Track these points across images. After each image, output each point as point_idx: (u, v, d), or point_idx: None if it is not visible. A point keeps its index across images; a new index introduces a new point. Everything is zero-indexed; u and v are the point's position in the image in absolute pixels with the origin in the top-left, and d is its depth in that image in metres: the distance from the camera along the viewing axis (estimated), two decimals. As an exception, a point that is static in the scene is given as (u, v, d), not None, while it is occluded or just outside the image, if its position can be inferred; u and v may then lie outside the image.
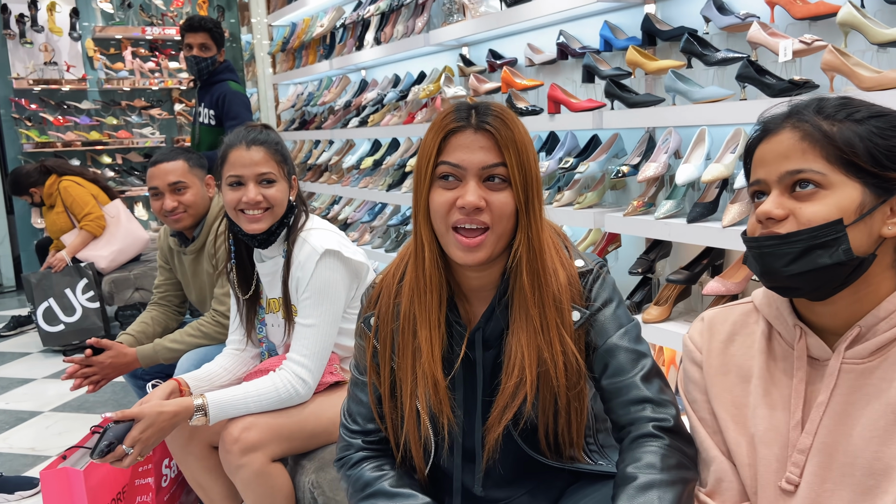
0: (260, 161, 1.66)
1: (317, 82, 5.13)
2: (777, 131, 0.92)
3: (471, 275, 1.13)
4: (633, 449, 1.03)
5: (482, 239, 1.06)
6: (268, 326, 1.81)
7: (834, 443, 0.91)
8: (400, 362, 1.15)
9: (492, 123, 1.06)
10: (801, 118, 0.91)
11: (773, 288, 0.95)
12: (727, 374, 1.03)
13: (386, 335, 1.17)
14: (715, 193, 2.24)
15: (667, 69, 2.33)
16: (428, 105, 3.72)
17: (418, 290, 1.11)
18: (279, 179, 1.69)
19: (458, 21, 3.35)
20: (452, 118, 1.08)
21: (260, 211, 1.66)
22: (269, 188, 1.67)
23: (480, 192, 1.05)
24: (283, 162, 1.71)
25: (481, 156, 1.06)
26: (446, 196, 1.07)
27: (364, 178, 4.28)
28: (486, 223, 1.06)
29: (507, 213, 1.07)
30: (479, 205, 1.05)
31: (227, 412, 1.55)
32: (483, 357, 1.14)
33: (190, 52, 3.72)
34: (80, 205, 4.09)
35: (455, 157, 1.06)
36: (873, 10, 1.85)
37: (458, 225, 1.06)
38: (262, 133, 1.70)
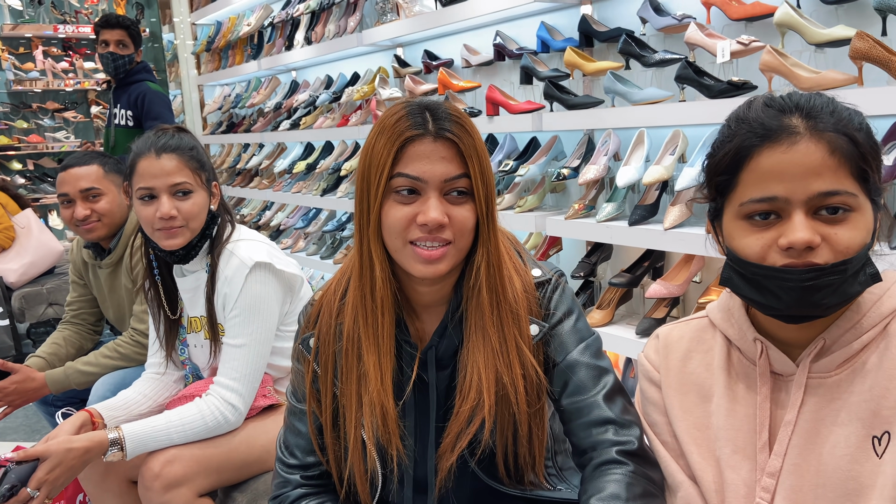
0: (173, 170, 1.51)
1: (245, 83, 4.94)
2: (794, 139, 0.80)
3: (423, 290, 1.05)
4: (596, 478, 0.96)
5: (444, 251, 0.97)
6: (190, 347, 1.67)
7: (805, 463, 0.86)
8: (344, 388, 1.05)
9: (453, 131, 0.96)
10: (820, 124, 0.80)
11: (788, 317, 0.84)
12: (686, 393, 0.97)
13: (327, 358, 1.07)
14: (655, 196, 2.22)
15: (605, 70, 2.30)
16: (363, 107, 3.61)
17: (365, 310, 1.02)
18: (196, 189, 1.55)
19: (393, 21, 3.26)
20: (408, 124, 0.97)
21: (177, 227, 1.52)
22: (184, 200, 1.53)
23: (442, 206, 0.96)
24: (200, 169, 1.57)
25: (443, 167, 0.96)
26: (404, 211, 0.97)
27: (297, 182, 4.14)
28: (447, 240, 0.98)
29: (469, 228, 0.99)
30: (443, 221, 0.96)
31: (146, 445, 1.41)
32: (437, 378, 1.05)
33: (106, 49, 3.52)
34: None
35: (414, 169, 0.96)
36: (809, 10, 1.85)
37: (419, 242, 0.97)
38: (173, 137, 1.55)
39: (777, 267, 0.81)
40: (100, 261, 2.07)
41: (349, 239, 3.78)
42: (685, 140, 2.17)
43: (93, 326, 2.22)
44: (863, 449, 0.82)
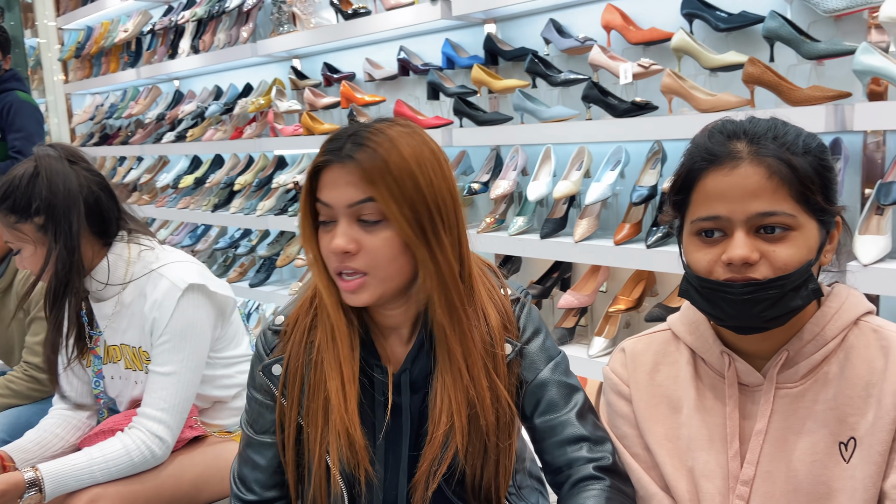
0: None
1: (120, 92, 4.65)
2: (735, 163, 0.86)
3: (386, 312, 1.03)
4: (575, 495, 0.97)
5: (360, 282, 0.95)
6: (106, 379, 1.54)
7: (776, 470, 0.91)
8: (310, 412, 1.02)
9: (355, 154, 0.92)
10: (762, 150, 0.85)
11: (736, 328, 0.90)
12: (657, 405, 1.01)
13: (295, 385, 1.03)
14: (564, 209, 2.32)
15: (513, 88, 2.37)
16: (258, 119, 3.51)
17: (325, 337, 1.00)
18: (26, 243, 1.44)
19: (290, 32, 3.19)
20: (325, 149, 0.96)
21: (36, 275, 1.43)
22: (22, 257, 1.44)
23: (352, 233, 0.94)
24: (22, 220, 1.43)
25: (346, 192, 0.93)
26: (325, 240, 0.96)
27: (183, 197, 3.94)
28: (358, 269, 0.94)
29: (388, 255, 0.94)
30: (346, 248, 0.93)
31: (66, 485, 1.29)
32: (410, 402, 1.04)
33: None
34: None
35: (324, 196, 0.95)
36: (701, 37, 2.01)
37: (336, 271, 0.96)
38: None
39: (720, 280, 0.87)
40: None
41: (243, 256, 3.65)
42: (590, 156, 2.28)
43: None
44: (830, 455, 0.87)
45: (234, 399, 1.57)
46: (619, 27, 2.18)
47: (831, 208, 0.88)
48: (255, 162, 3.60)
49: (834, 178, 0.89)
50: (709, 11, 1.97)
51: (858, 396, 0.87)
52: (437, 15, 2.48)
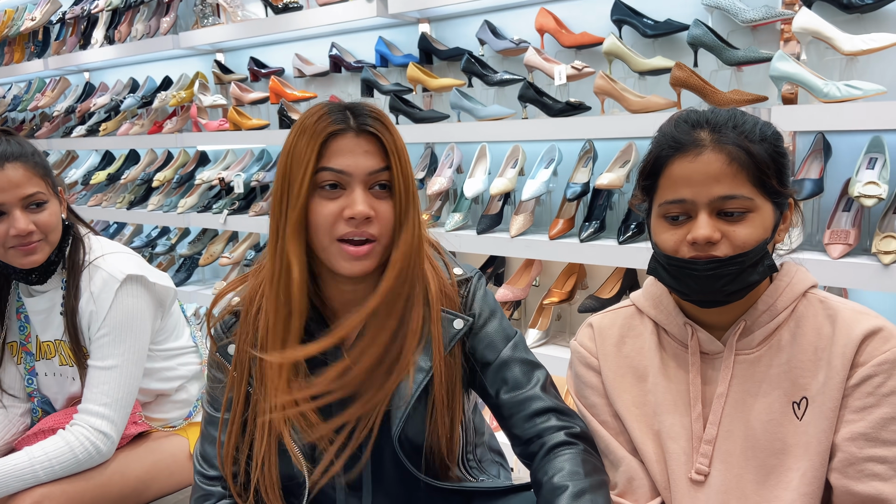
0: (21, 181, 1.33)
1: (24, 83, 4.38)
2: (698, 150, 0.92)
3: (346, 289, 1.05)
4: (551, 459, 1.01)
5: (370, 248, 0.99)
6: (40, 377, 1.46)
7: (736, 430, 0.98)
8: (260, 393, 1.02)
9: (374, 126, 0.99)
10: (723, 138, 0.92)
11: (699, 301, 0.97)
12: (624, 375, 1.07)
13: (243, 365, 1.04)
14: (499, 206, 2.38)
15: (450, 87, 2.41)
16: (178, 113, 3.39)
17: (279, 313, 1.00)
18: (49, 198, 1.38)
19: (215, 24, 3.11)
20: (329, 120, 0.98)
21: (35, 242, 1.35)
22: (39, 212, 1.36)
23: (368, 200, 0.98)
24: (48, 175, 1.40)
25: (367, 161, 0.98)
26: (330, 207, 0.98)
27: (94, 194, 3.76)
28: (373, 235, 0.99)
29: (391, 224, 1.00)
30: (369, 214, 0.97)
31: (9, 487, 1.22)
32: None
33: None
34: None
35: (339, 163, 0.97)
36: (629, 42, 2.12)
37: (346, 237, 0.98)
38: (11, 143, 1.36)
39: (685, 258, 0.94)
40: None
41: (162, 255, 3.52)
42: (524, 155, 2.35)
43: None
44: (785, 413, 0.95)
45: (176, 392, 1.53)
46: (552, 31, 2.26)
47: (784, 191, 0.96)
48: (176, 158, 3.48)
49: (787, 164, 0.97)
50: (637, 18, 2.09)
51: (809, 360, 0.96)
52: (372, 12, 2.50)
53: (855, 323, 0.94)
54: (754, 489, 0.96)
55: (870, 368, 0.91)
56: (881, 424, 0.90)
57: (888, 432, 0.89)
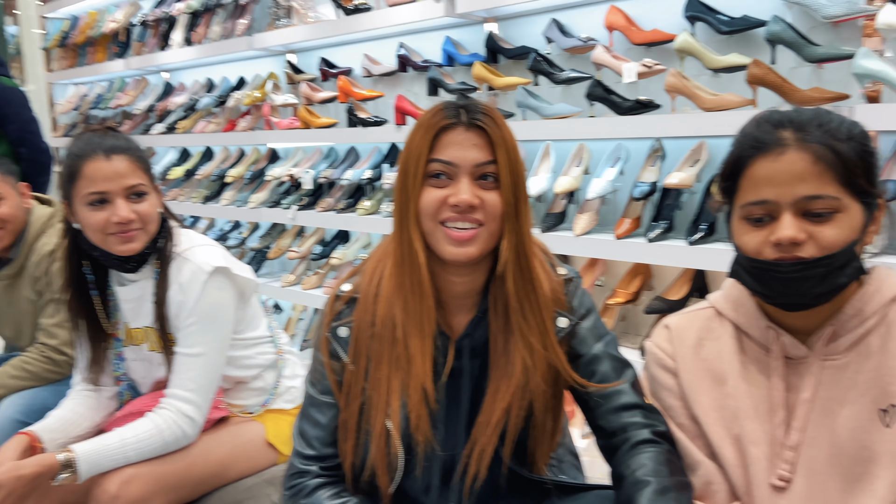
0: (126, 172, 1.42)
1: (106, 83, 4.60)
2: (782, 150, 0.91)
3: (455, 279, 1.09)
4: (635, 454, 1.03)
5: (474, 233, 1.03)
6: (127, 361, 1.55)
7: (821, 437, 0.96)
8: (374, 376, 1.07)
9: (483, 121, 1.03)
10: (808, 136, 0.91)
11: (785, 305, 0.96)
12: (702, 378, 1.06)
13: (361, 346, 1.09)
14: (563, 205, 2.38)
15: (515, 85, 2.42)
16: (251, 112, 3.51)
17: (408, 295, 1.05)
18: (150, 190, 1.47)
19: (288, 26, 3.20)
20: (443, 115, 1.04)
21: (134, 231, 1.43)
22: (140, 203, 1.44)
23: (473, 189, 1.02)
24: (149, 169, 1.49)
25: (474, 153, 1.03)
26: (437, 194, 1.03)
27: (172, 189, 3.92)
28: (479, 220, 1.03)
29: (499, 213, 1.04)
30: (473, 202, 1.02)
31: (101, 465, 1.30)
32: (470, 366, 1.09)
33: None
34: None
35: (447, 155, 1.03)
36: (703, 38, 2.08)
37: (449, 222, 1.03)
38: (118, 138, 1.46)
39: (769, 260, 0.93)
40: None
41: (233, 249, 3.64)
42: (589, 153, 2.34)
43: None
44: (872, 421, 0.93)
45: (254, 380, 1.59)
46: (622, 28, 2.24)
47: (874, 190, 0.94)
48: (248, 155, 3.60)
49: (876, 163, 0.94)
50: (711, 14, 2.05)
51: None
52: (440, 12, 2.53)
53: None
54: (838, 497, 0.94)
55: None
56: None
57: None
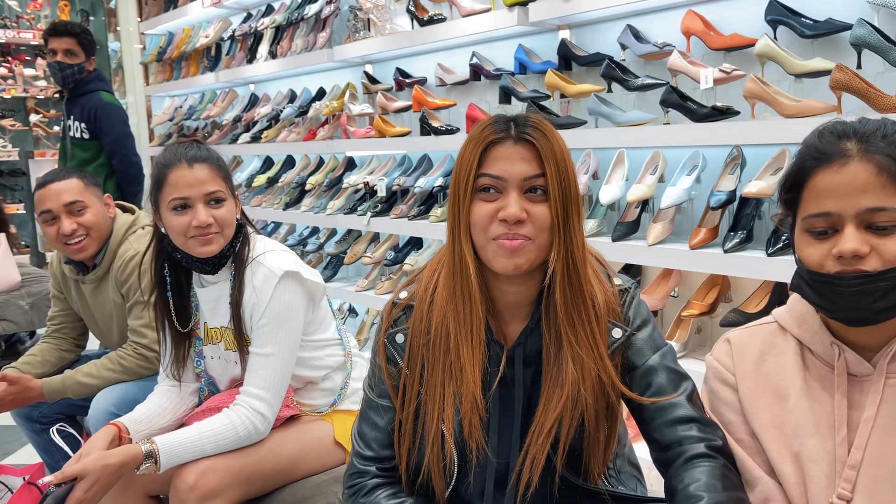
0: (206, 179, 1.52)
1: (198, 95, 4.85)
2: (845, 161, 0.90)
3: (508, 289, 1.10)
4: (689, 469, 1.01)
5: (523, 243, 1.04)
6: (207, 359, 1.64)
7: (883, 456, 0.94)
8: (428, 381, 1.10)
9: (532, 135, 1.04)
10: (871, 147, 0.89)
11: (847, 319, 0.94)
12: (763, 394, 1.04)
13: (416, 352, 1.12)
14: (636, 213, 2.34)
15: (588, 93, 2.41)
16: (330, 122, 3.62)
17: (459, 305, 1.08)
18: (228, 197, 1.56)
19: (366, 38, 3.30)
20: (491, 130, 1.06)
21: (212, 234, 1.52)
22: (218, 208, 1.53)
23: (522, 203, 1.04)
24: (228, 178, 1.58)
25: (522, 167, 1.04)
26: (487, 208, 1.05)
27: (256, 196, 4.09)
28: (527, 236, 1.04)
29: (547, 226, 1.05)
30: (520, 217, 1.03)
31: (179, 457, 1.38)
32: (523, 375, 1.10)
33: (53, 57, 3.34)
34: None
35: (496, 169, 1.04)
36: (785, 43, 2.01)
37: (499, 237, 1.04)
38: (200, 149, 1.56)
39: (831, 273, 0.91)
40: (83, 276, 2.01)
41: (311, 253, 3.76)
42: (664, 161, 2.30)
43: (75, 340, 2.14)
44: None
45: (323, 381, 1.65)
46: (700, 33, 2.19)
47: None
48: (326, 163, 3.71)
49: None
50: (794, 18, 1.98)
51: None
52: (513, 21, 2.54)
53: None
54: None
55: None
56: None
57: None
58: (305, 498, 1.49)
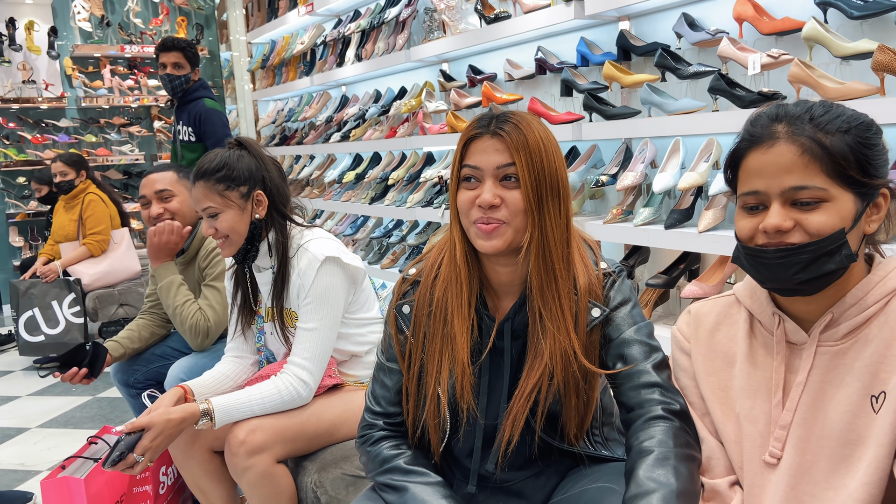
0: (199, 197, 1.75)
1: (297, 98, 5.19)
2: (772, 142, 0.96)
3: (499, 269, 1.23)
4: (645, 428, 1.11)
5: (495, 227, 1.16)
6: (266, 335, 1.86)
7: (812, 418, 1.00)
8: (429, 348, 1.24)
9: (505, 129, 1.16)
10: (797, 130, 0.95)
11: (776, 290, 1.01)
12: (714, 360, 1.12)
13: (420, 322, 1.26)
14: (690, 201, 2.35)
15: (642, 83, 2.44)
16: (409, 119, 3.81)
17: (451, 281, 1.22)
18: (224, 209, 1.74)
19: (439, 38, 3.45)
20: (474, 126, 1.19)
21: (220, 240, 1.76)
22: (214, 220, 1.75)
23: (496, 190, 1.16)
24: (230, 188, 1.74)
25: (496, 157, 1.16)
26: (468, 195, 1.18)
27: (346, 191, 4.34)
28: (501, 220, 1.16)
29: (521, 210, 1.16)
30: (493, 202, 1.15)
31: (232, 415, 1.59)
32: (511, 346, 1.23)
33: (164, 70, 3.76)
34: (96, 222, 4.15)
35: (474, 160, 1.18)
36: (835, 25, 1.97)
37: (478, 222, 1.17)
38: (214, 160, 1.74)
39: (757, 246, 0.98)
40: (175, 258, 2.30)
41: (395, 245, 3.97)
42: (719, 147, 2.29)
43: (165, 318, 2.45)
44: (862, 406, 0.96)
45: (366, 355, 1.83)
46: (751, 18, 2.18)
47: (870, 182, 0.94)
48: (407, 158, 3.91)
49: (875, 155, 0.95)
50: (844, 0, 1.93)
51: (893, 355, 0.94)
52: (570, 15, 2.61)
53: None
54: (823, 476, 0.97)
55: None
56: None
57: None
58: (345, 457, 1.66)
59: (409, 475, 1.21)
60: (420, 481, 1.20)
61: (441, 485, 1.20)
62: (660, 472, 1.03)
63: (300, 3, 4.68)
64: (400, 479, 1.21)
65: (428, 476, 1.21)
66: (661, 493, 1.00)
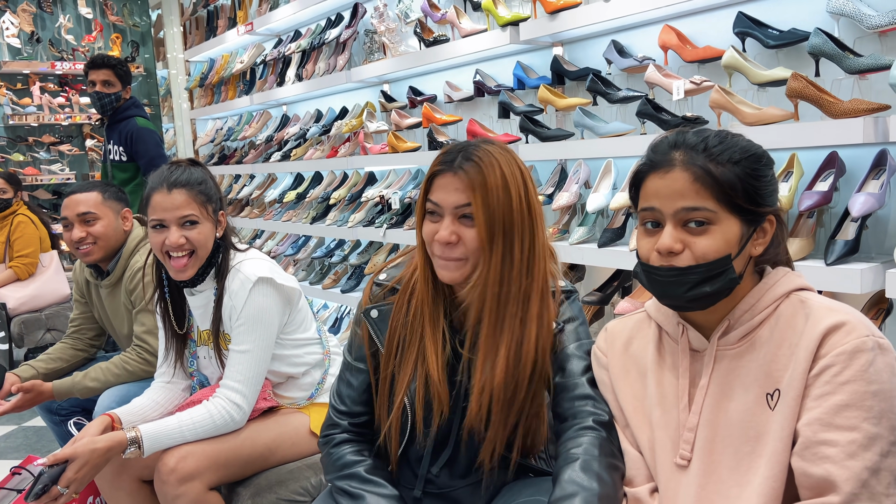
0: (181, 204, 1.68)
1: (236, 117, 5.14)
2: (669, 168, 1.03)
3: (460, 293, 1.28)
4: (574, 437, 1.16)
5: (455, 263, 1.21)
6: (199, 359, 1.82)
7: (715, 419, 1.07)
8: (403, 356, 1.27)
9: (465, 168, 1.19)
10: (691, 159, 1.03)
11: (670, 305, 1.10)
12: (628, 372, 1.19)
13: (395, 331, 1.29)
14: (622, 220, 2.42)
15: (575, 106, 2.51)
16: (350, 139, 3.81)
17: (423, 299, 1.27)
18: (202, 220, 1.71)
19: (380, 59, 3.48)
20: (439, 160, 1.23)
21: (184, 253, 1.69)
22: (191, 230, 1.69)
23: (454, 227, 1.19)
24: (207, 201, 1.73)
25: (455, 196, 1.20)
26: (431, 227, 1.22)
27: (287, 211, 4.31)
28: (458, 257, 1.20)
29: (477, 247, 1.20)
30: (450, 240, 1.19)
31: (161, 443, 1.55)
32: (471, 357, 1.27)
33: (93, 88, 3.63)
34: (24, 244, 3.99)
35: (435, 196, 1.22)
36: (753, 53, 2.08)
37: (438, 255, 1.21)
38: (184, 172, 1.71)
39: (649, 265, 1.06)
40: (100, 281, 2.23)
41: (337, 265, 3.95)
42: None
43: (91, 341, 2.37)
44: (759, 404, 1.03)
45: (303, 376, 1.81)
46: (675, 46, 2.27)
47: (756, 209, 1.03)
48: (349, 178, 3.91)
49: (763, 185, 1.04)
50: (760, 30, 2.04)
51: (783, 355, 1.02)
52: (506, 40, 2.67)
53: (822, 318, 0.99)
54: (729, 474, 1.04)
55: (829, 359, 0.97)
56: (835, 411, 0.95)
57: (842, 418, 0.94)
58: (280, 481, 1.64)
59: (367, 484, 1.25)
60: (377, 492, 1.24)
61: (396, 499, 1.24)
62: (583, 477, 1.08)
63: (240, 23, 4.65)
64: (358, 486, 1.25)
65: (385, 488, 1.25)
66: (583, 496, 1.05)
